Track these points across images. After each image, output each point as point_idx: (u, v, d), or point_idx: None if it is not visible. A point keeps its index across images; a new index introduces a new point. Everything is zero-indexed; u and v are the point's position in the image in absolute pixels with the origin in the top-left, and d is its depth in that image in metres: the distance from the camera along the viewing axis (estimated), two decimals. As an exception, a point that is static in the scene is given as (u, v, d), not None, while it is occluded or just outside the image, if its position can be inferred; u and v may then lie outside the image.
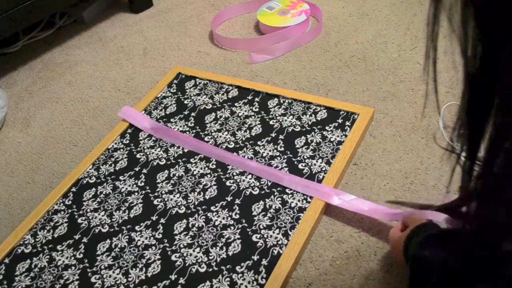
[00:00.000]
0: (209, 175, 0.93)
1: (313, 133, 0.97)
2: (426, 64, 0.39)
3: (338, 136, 0.95)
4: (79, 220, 0.91)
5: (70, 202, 0.95)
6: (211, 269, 0.78)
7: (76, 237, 0.88)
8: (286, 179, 0.88)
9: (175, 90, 1.15)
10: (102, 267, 0.83)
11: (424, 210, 0.74)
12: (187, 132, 1.04)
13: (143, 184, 0.95)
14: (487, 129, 0.38)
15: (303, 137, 0.97)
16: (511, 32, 0.32)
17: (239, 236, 0.82)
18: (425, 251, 0.59)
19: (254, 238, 0.81)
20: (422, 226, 0.67)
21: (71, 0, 1.39)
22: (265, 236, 0.81)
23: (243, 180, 0.91)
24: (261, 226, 0.83)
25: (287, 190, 0.87)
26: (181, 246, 0.83)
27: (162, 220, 0.88)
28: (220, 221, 0.85)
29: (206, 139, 1.01)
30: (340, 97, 1.07)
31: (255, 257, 0.78)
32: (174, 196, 0.91)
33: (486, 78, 0.35)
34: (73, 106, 1.23)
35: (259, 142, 0.98)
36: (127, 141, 1.05)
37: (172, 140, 1.02)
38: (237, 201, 0.87)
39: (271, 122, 1.01)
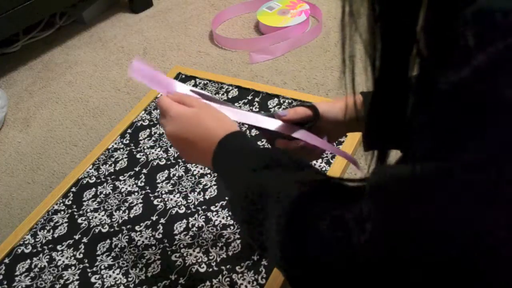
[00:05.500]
0: (209, 175, 0.93)
1: (313, 133, 0.97)
2: (343, 70, 0.41)
3: (338, 136, 0.95)
4: (79, 220, 0.91)
5: (70, 202, 0.95)
6: (211, 269, 0.78)
7: (76, 237, 0.88)
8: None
9: (175, 90, 1.15)
10: (102, 267, 0.83)
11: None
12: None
13: (143, 184, 0.95)
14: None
15: (303, 137, 0.96)
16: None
17: (239, 236, 0.82)
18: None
19: (254, 238, 0.81)
20: (236, 136, 0.54)
21: (71, 0, 1.39)
22: (265, 236, 0.81)
23: (243, 180, 0.91)
24: (261, 226, 0.83)
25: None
26: (181, 246, 0.83)
27: (162, 220, 0.88)
28: (220, 221, 0.85)
29: (206, 139, 1.01)
30: (340, 97, 1.07)
31: (255, 257, 0.78)
32: (174, 196, 0.91)
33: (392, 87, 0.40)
34: (73, 106, 1.23)
35: (259, 142, 0.98)
36: (127, 141, 1.05)
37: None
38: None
39: (271, 122, 1.01)
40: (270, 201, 0.44)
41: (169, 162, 0.98)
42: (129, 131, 1.07)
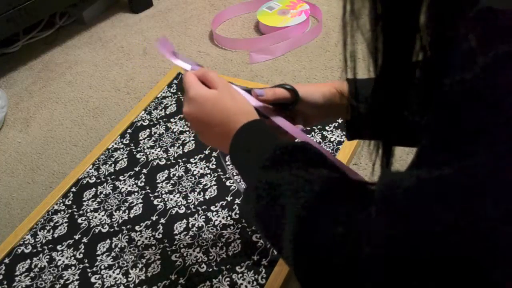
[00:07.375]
0: (209, 175, 0.93)
1: (313, 133, 0.97)
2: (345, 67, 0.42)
3: (338, 136, 0.95)
4: (79, 220, 0.91)
5: (70, 202, 0.95)
6: (211, 269, 0.78)
7: (76, 237, 0.88)
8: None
9: (175, 90, 1.15)
10: (102, 267, 0.83)
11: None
12: (187, 133, 1.04)
13: (143, 184, 0.95)
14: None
15: (303, 137, 0.96)
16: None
17: (239, 236, 0.82)
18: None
19: (254, 238, 0.81)
20: (253, 126, 0.52)
21: (71, 0, 1.39)
22: (265, 236, 0.81)
23: (243, 180, 0.91)
24: (261, 226, 0.83)
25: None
26: (181, 246, 0.83)
27: (162, 220, 0.88)
28: (220, 221, 0.85)
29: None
30: (340, 97, 1.07)
31: (255, 257, 0.78)
32: (174, 196, 0.91)
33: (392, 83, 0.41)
34: (73, 106, 1.23)
35: (259, 142, 0.98)
36: (127, 141, 1.05)
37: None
38: (237, 201, 0.87)
39: (271, 122, 1.01)
40: (286, 199, 0.44)
41: (169, 162, 0.98)
42: (129, 131, 1.07)
